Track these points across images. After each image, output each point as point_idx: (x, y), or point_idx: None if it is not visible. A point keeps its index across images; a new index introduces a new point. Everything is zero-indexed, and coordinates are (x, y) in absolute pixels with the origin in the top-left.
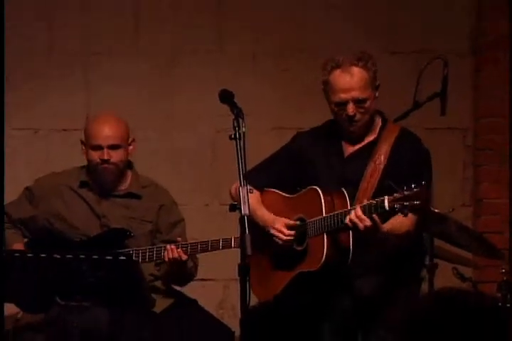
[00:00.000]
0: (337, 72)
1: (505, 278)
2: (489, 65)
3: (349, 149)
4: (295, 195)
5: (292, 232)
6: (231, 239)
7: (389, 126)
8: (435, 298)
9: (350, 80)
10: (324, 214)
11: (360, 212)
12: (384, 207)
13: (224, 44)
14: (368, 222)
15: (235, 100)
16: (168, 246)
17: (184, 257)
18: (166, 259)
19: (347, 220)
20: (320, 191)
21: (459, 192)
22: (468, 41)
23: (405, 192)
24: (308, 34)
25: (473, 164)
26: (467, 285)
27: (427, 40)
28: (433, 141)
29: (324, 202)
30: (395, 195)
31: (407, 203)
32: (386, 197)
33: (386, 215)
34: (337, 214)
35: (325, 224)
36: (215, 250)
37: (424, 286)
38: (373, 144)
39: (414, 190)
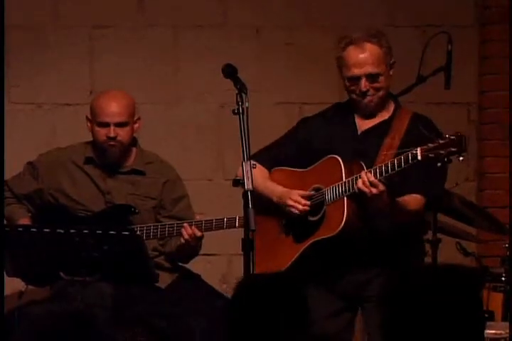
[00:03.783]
0: (351, 48)
1: (508, 253)
2: (494, 37)
3: (363, 126)
4: (310, 168)
5: (308, 202)
6: (235, 218)
7: (402, 108)
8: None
9: (363, 55)
10: (344, 179)
11: (371, 176)
12: (416, 157)
13: (228, 18)
14: (375, 189)
15: (239, 75)
16: (185, 225)
17: (199, 234)
18: (183, 238)
19: (357, 185)
20: (339, 158)
21: (462, 167)
22: (473, 14)
23: (440, 141)
24: (312, 8)
25: (477, 138)
26: (470, 260)
27: (432, 13)
28: (437, 115)
29: (344, 167)
30: (429, 144)
31: (443, 151)
32: (419, 148)
33: (418, 169)
34: (357, 176)
35: (345, 188)
36: (219, 229)
37: (428, 261)
38: (387, 122)
39: (450, 137)
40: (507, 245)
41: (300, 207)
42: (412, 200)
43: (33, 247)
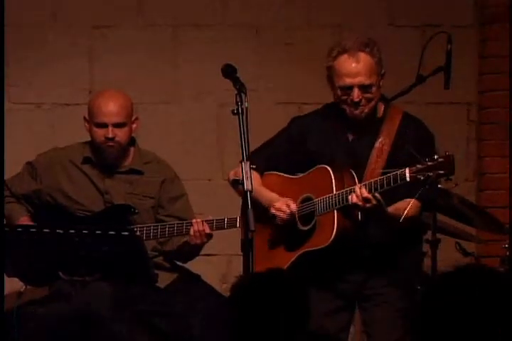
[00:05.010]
0: (344, 57)
1: (508, 253)
2: (494, 37)
3: (354, 129)
4: (301, 175)
5: (294, 210)
6: (236, 218)
7: (392, 109)
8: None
9: (356, 65)
10: (335, 192)
11: (365, 192)
12: (405, 178)
13: (228, 17)
14: (369, 204)
15: (238, 75)
16: (194, 220)
17: (208, 231)
18: (191, 232)
19: (350, 200)
20: (330, 169)
21: (462, 167)
22: (472, 14)
23: (429, 163)
24: (312, 7)
25: (476, 138)
26: (469, 260)
27: (432, 13)
28: (437, 115)
29: (335, 179)
30: (418, 165)
31: (431, 173)
32: (407, 168)
33: (407, 188)
34: (347, 190)
35: (335, 201)
36: (220, 229)
37: (427, 262)
38: (378, 124)
39: (439, 160)
40: (507, 245)
41: (283, 215)
42: (407, 206)
43: (33, 247)
